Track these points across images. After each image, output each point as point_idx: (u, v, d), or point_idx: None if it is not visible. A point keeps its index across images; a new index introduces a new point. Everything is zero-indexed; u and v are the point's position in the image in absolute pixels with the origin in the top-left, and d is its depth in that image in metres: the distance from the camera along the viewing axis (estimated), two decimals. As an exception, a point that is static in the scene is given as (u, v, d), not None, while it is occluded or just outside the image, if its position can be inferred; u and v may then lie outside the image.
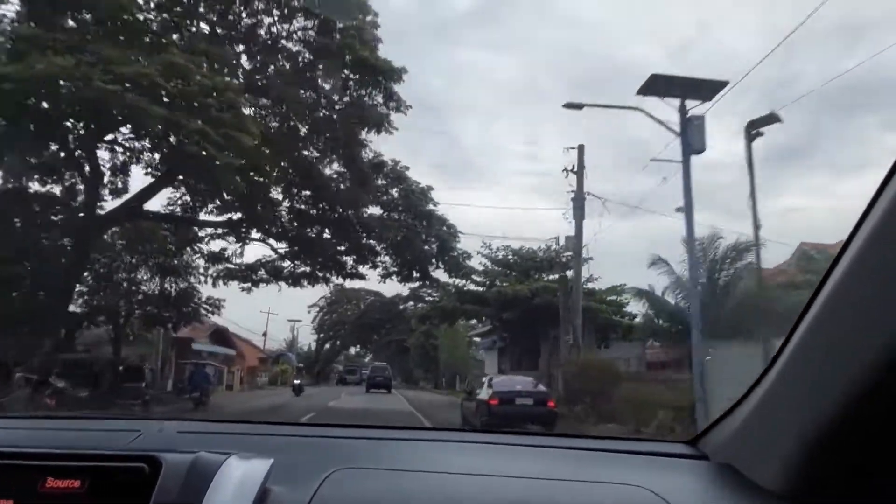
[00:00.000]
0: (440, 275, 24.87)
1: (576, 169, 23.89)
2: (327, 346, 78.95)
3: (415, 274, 23.74)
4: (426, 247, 22.39)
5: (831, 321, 0.97)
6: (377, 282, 24.36)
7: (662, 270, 23.88)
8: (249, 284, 26.30)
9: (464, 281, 26.25)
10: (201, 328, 35.76)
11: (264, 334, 60.57)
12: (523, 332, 30.08)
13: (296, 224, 21.80)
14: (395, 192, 22.58)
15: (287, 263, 25.31)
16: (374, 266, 23.68)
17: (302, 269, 25.27)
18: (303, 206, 21.70)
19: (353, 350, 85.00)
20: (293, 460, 1.23)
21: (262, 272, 26.20)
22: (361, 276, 24.42)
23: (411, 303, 65.82)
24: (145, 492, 1.03)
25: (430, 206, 22.16)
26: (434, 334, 49.97)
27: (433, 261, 22.95)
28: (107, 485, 1.07)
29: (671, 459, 1.43)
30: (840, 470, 1.00)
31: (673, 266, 19.89)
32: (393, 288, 79.38)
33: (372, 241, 22.47)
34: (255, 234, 23.97)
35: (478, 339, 50.46)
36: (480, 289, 31.52)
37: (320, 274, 25.48)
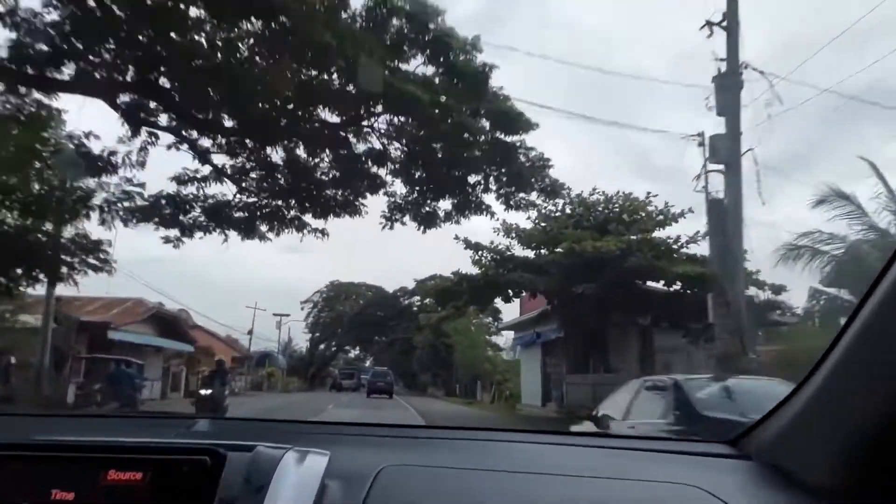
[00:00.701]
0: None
1: (725, 22, 13.98)
2: (322, 346, 72.10)
3: (444, 202, 13.58)
4: (473, 144, 12.07)
5: (886, 321, 0.95)
6: (381, 226, 14.17)
7: (843, 212, 15.73)
8: (177, 232, 16.22)
9: (545, 205, 15.93)
10: (133, 310, 25.54)
11: (250, 332, 52.06)
12: (596, 315, 20.10)
13: (226, 94, 11.39)
14: (418, 54, 12.43)
15: (231, 192, 15.22)
16: (375, 188, 13.55)
17: (255, 200, 15.21)
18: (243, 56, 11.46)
19: (352, 353, 78.07)
20: (343, 456, 1.22)
21: (196, 212, 16.14)
22: (356, 210, 14.25)
23: (416, 297, 58.38)
24: (206, 484, 1.02)
25: (479, 70, 12.01)
26: (446, 331, 40.62)
27: (482, 175, 12.75)
28: (168, 477, 1.06)
29: (715, 459, 1.41)
30: (891, 469, 0.99)
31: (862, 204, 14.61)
32: (395, 282, 70.91)
33: (374, 128, 12.22)
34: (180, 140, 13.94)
35: (500, 336, 42.03)
36: (530, 253, 21.48)
37: (287, 213, 15.43)
